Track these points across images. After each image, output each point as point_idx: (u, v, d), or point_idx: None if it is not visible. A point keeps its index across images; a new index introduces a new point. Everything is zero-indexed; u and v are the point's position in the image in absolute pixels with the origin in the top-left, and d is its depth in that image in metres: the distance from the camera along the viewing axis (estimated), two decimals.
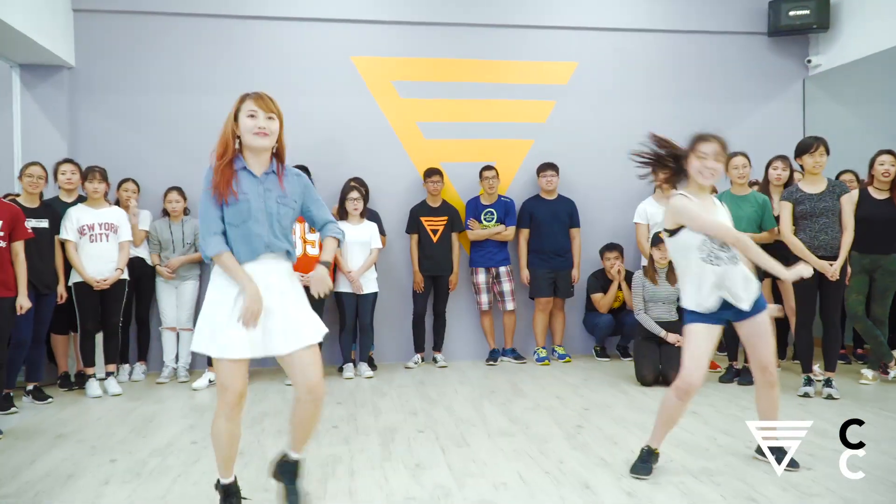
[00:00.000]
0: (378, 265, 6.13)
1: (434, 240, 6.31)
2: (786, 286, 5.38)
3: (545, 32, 6.87)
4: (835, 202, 4.84)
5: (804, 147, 4.86)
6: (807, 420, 4.12)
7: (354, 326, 5.96)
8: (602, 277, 6.53)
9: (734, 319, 3.31)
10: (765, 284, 5.31)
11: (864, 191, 5.34)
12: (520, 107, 6.82)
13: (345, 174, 6.30)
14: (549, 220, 6.45)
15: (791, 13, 6.88)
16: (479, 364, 6.45)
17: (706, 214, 3.14)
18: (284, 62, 6.49)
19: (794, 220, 4.96)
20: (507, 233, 6.42)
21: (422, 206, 6.39)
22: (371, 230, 5.93)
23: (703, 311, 3.21)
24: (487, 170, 6.42)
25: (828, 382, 4.92)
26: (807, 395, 4.90)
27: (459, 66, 6.75)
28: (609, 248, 6.50)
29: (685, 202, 3.16)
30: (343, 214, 5.93)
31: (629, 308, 6.31)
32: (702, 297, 3.20)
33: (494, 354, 6.49)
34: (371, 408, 4.76)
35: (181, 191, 5.87)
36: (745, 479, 3.27)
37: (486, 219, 6.42)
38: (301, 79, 6.50)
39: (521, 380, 5.69)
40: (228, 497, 2.83)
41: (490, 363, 6.41)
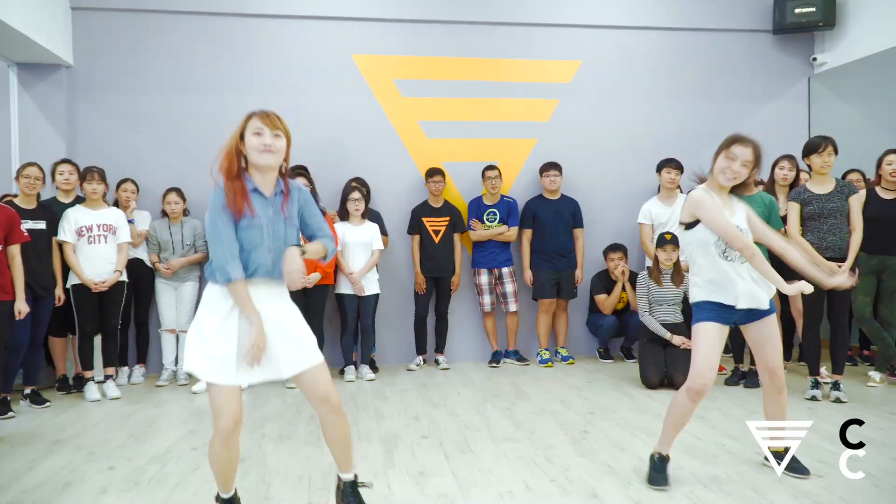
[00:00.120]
0: (379, 266, 6.07)
1: (436, 240, 6.25)
2: None
3: (548, 30, 6.80)
4: (843, 203, 4.78)
5: (812, 147, 4.79)
6: (816, 425, 4.09)
7: (356, 328, 5.90)
8: (606, 278, 6.47)
9: (742, 321, 3.25)
10: None
11: (872, 191, 5.27)
12: (522, 106, 6.75)
13: (346, 174, 6.23)
14: (553, 221, 6.38)
15: (796, 10, 6.81)
16: (482, 366, 6.39)
17: (720, 214, 3.09)
18: (285, 61, 6.43)
19: (802, 221, 4.90)
20: (510, 233, 6.36)
21: (423, 207, 6.32)
22: (373, 231, 5.86)
23: (719, 301, 3.13)
24: (490, 169, 6.36)
25: (835, 385, 4.86)
26: (814, 399, 4.84)
27: (461, 65, 6.68)
28: (613, 249, 6.44)
29: (704, 197, 3.11)
30: (344, 215, 5.86)
31: (633, 309, 6.26)
32: (727, 293, 3.13)
33: (497, 356, 6.43)
34: (373, 412, 4.70)
35: (180, 192, 5.80)
36: (756, 488, 3.21)
37: (489, 219, 6.36)
38: (301, 77, 6.44)
39: (525, 382, 5.63)
40: None
41: (493, 365, 6.35)
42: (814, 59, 7.12)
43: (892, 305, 5.25)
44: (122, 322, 5.54)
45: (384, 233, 6.13)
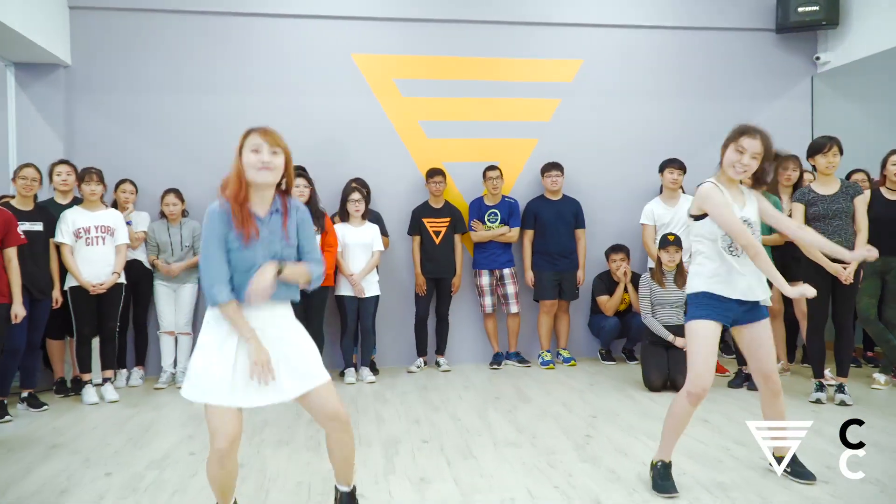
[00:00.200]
0: (380, 267, 6.02)
1: (436, 241, 6.20)
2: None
3: (550, 29, 6.74)
4: (848, 204, 4.73)
5: (817, 147, 4.74)
6: (822, 429, 4.05)
7: (356, 330, 5.85)
8: (608, 279, 6.42)
9: (739, 321, 3.19)
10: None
11: (876, 191, 5.22)
12: (524, 105, 6.70)
13: (346, 174, 6.19)
14: (554, 221, 6.34)
15: (800, 9, 6.75)
16: (483, 368, 6.34)
17: (727, 209, 3.03)
18: (284, 60, 6.38)
19: (807, 222, 4.85)
20: (511, 234, 6.31)
21: (424, 207, 6.27)
22: (373, 232, 5.81)
23: (721, 293, 3.09)
24: (491, 170, 6.31)
25: (840, 388, 4.81)
26: (819, 402, 4.80)
27: (462, 64, 6.63)
28: (615, 250, 6.39)
29: (712, 191, 3.07)
30: (344, 216, 5.82)
31: (635, 310, 6.21)
32: (726, 283, 3.09)
33: (498, 358, 6.38)
34: (373, 415, 4.65)
35: (178, 193, 5.76)
36: (762, 494, 3.17)
37: (490, 220, 6.31)
38: (301, 77, 6.39)
39: (526, 385, 5.58)
40: None
41: (494, 367, 6.31)
42: (817, 59, 7.06)
43: None
44: (121, 324, 5.48)
45: (385, 234, 6.09)
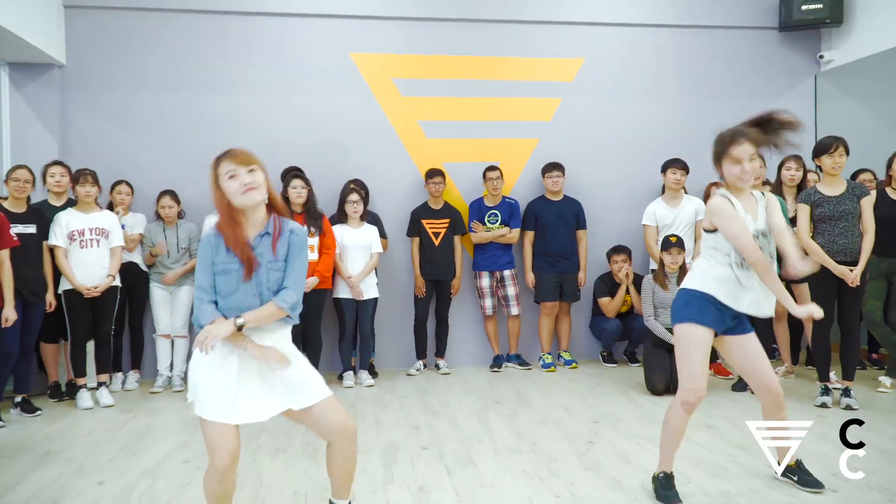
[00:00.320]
0: (378, 269, 5.95)
1: (436, 243, 6.13)
2: (802, 291, 5.19)
3: (550, 28, 6.67)
4: (854, 205, 4.65)
5: (823, 147, 4.66)
6: (827, 434, 3.97)
7: (354, 333, 5.78)
8: (609, 281, 6.35)
9: (728, 331, 3.11)
10: None
11: (882, 191, 5.15)
12: (524, 105, 6.63)
13: (344, 175, 6.11)
14: (555, 222, 6.26)
15: (803, 7, 6.67)
16: (483, 370, 6.27)
17: (737, 225, 2.95)
18: (281, 60, 6.30)
19: (812, 223, 4.77)
20: (512, 235, 6.24)
21: (423, 209, 6.20)
22: (371, 234, 5.74)
23: (724, 300, 3.02)
24: (491, 170, 6.23)
25: (846, 392, 4.74)
26: (824, 405, 4.72)
27: (462, 63, 6.55)
28: (616, 251, 6.31)
29: (722, 205, 2.99)
30: (342, 217, 5.74)
31: (637, 312, 6.14)
32: (733, 294, 3.02)
33: (499, 360, 6.31)
34: (372, 421, 4.58)
35: (174, 195, 5.69)
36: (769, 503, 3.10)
37: (490, 221, 6.24)
38: (299, 77, 6.32)
39: (527, 388, 5.51)
40: None
41: (494, 370, 6.24)
42: (821, 57, 6.99)
43: None
44: (116, 327, 5.43)
45: (383, 236, 6.01)
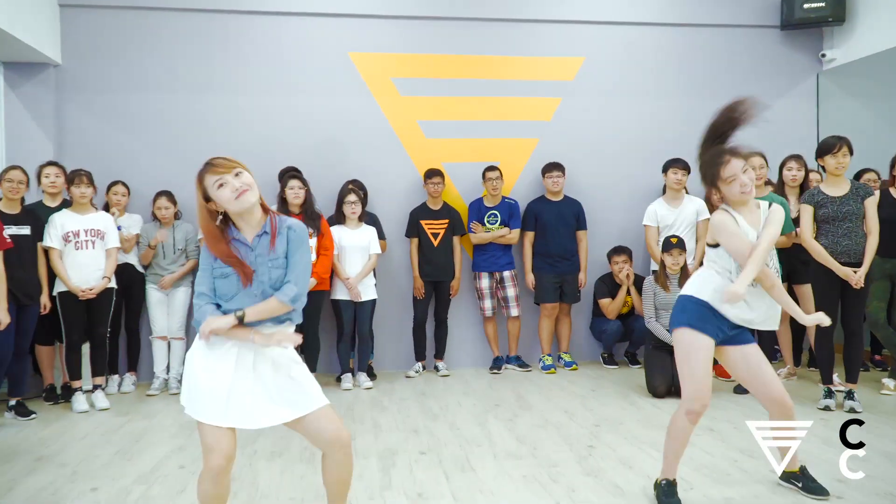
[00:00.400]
0: (377, 270, 5.90)
1: (435, 244, 6.07)
2: (805, 293, 5.14)
3: (550, 26, 6.61)
4: (858, 206, 4.59)
5: (826, 147, 4.61)
6: (831, 438, 3.92)
7: (353, 334, 5.73)
8: (610, 282, 6.30)
9: (726, 341, 3.04)
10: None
11: (885, 191, 5.11)
12: (524, 104, 6.57)
13: (343, 175, 6.05)
14: (555, 223, 6.21)
15: (805, 6, 6.62)
16: (483, 372, 6.22)
17: (739, 240, 2.89)
18: (280, 59, 6.25)
19: (815, 224, 4.72)
20: (512, 236, 6.18)
21: (422, 209, 6.14)
22: (370, 235, 5.69)
23: (721, 311, 2.96)
24: (491, 170, 6.17)
25: (850, 395, 4.68)
26: (827, 409, 4.67)
27: (461, 63, 6.49)
28: (617, 252, 6.26)
29: (724, 220, 2.93)
30: (340, 218, 5.69)
31: (638, 313, 6.09)
32: (730, 311, 2.96)
33: (498, 362, 6.26)
34: (370, 424, 4.53)
35: (170, 195, 5.63)
36: None
37: (490, 221, 6.18)
38: (297, 76, 6.26)
39: (527, 391, 5.45)
40: None
41: (494, 371, 6.18)
42: (823, 56, 6.93)
43: None
44: (112, 329, 5.38)
45: (382, 236, 5.95)
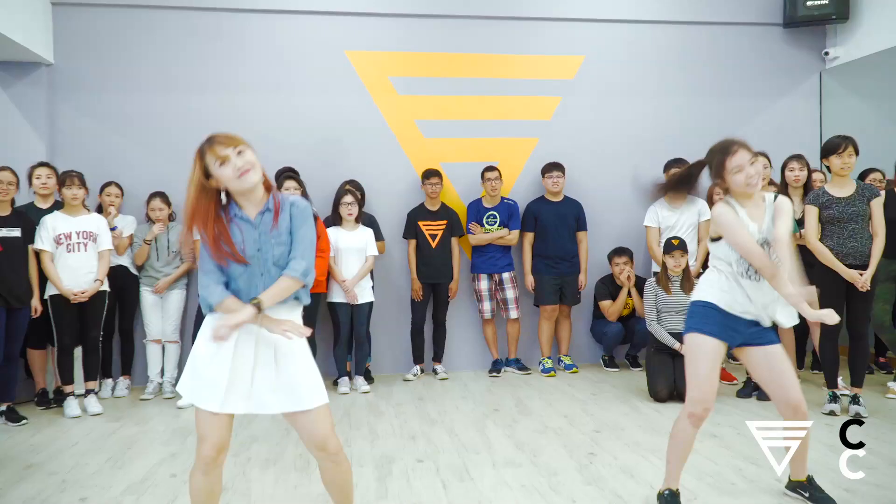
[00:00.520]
0: (374, 272, 5.82)
1: (433, 245, 5.99)
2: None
3: (550, 25, 6.52)
4: (864, 207, 4.51)
5: (831, 147, 4.52)
6: (836, 444, 3.83)
7: (349, 337, 5.65)
8: (610, 283, 6.21)
9: (746, 342, 2.97)
10: None
11: (891, 192, 5.03)
12: (523, 103, 6.48)
13: (339, 176, 5.97)
14: (555, 224, 6.12)
15: (808, 3, 6.53)
16: (482, 375, 6.14)
17: (740, 231, 2.83)
18: (276, 58, 6.16)
19: (820, 226, 4.64)
20: (511, 237, 6.10)
21: (420, 210, 6.06)
22: (366, 236, 5.60)
23: (727, 309, 2.90)
24: (490, 170, 6.09)
25: (855, 399, 4.60)
26: (832, 413, 4.59)
27: (460, 61, 6.41)
28: (618, 253, 6.17)
29: (724, 212, 2.87)
30: (337, 220, 5.60)
31: (639, 315, 6.01)
32: (734, 302, 2.90)
33: (497, 365, 6.18)
34: (367, 430, 4.44)
35: (165, 197, 5.56)
36: None
37: (489, 222, 6.10)
38: (293, 75, 6.18)
39: (527, 395, 5.37)
40: None
41: (493, 374, 6.10)
42: (826, 54, 6.84)
43: None
44: (106, 332, 5.31)
45: (380, 238, 5.86)
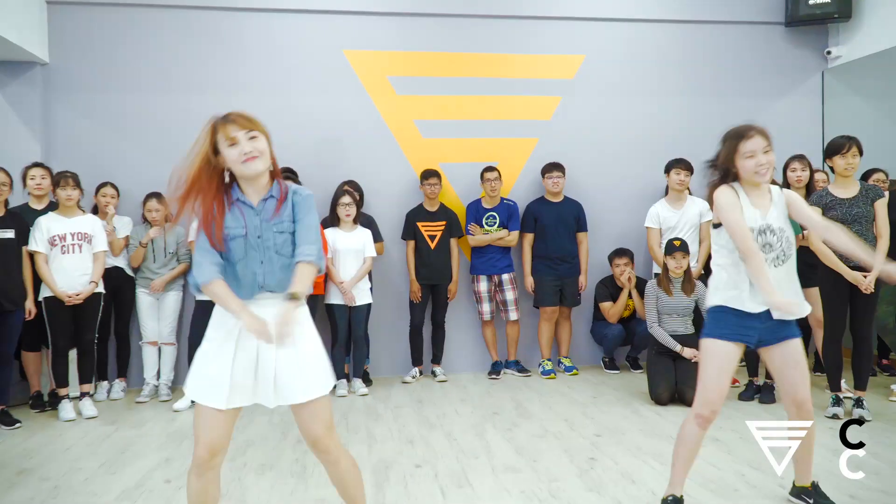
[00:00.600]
0: (373, 273, 5.77)
1: (431, 246, 5.93)
2: (812, 296, 4.99)
3: (550, 24, 6.47)
4: (868, 208, 4.45)
5: (835, 148, 4.47)
6: (836, 446, 3.78)
7: (347, 339, 5.59)
8: (611, 285, 6.16)
9: (765, 341, 2.92)
10: None
11: (894, 192, 4.96)
12: (523, 103, 6.43)
13: (337, 176, 5.91)
14: (555, 224, 6.07)
15: (810, 2, 6.49)
16: (481, 377, 6.08)
17: (733, 212, 2.79)
18: (273, 57, 6.11)
19: None
20: (511, 238, 6.05)
21: (418, 211, 6.00)
22: (365, 237, 5.54)
23: (738, 307, 2.84)
24: (489, 171, 6.03)
25: (858, 402, 4.55)
26: (836, 417, 4.53)
27: (459, 61, 6.35)
28: (618, 254, 6.12)
29: (724, 194, 2.84)
30: (335, 221, 5.55)
31: (639, 316, 5.96)
32: (743, 298, 2.84)
33: (497, 367, 6.12)
34: (365, 434, 4.39)
35: (161, 197, 5.48)
36: None
37: (488, 223, 6.04)
38: (291, 75, 6.13)
39: (527, 397, 5.32)
40: None
41: (492, 377, 6.04)
42: (828, 53, 6.79)
43: None
44: (102, 334, 5.25)
45: (378, 238, 5.81)
